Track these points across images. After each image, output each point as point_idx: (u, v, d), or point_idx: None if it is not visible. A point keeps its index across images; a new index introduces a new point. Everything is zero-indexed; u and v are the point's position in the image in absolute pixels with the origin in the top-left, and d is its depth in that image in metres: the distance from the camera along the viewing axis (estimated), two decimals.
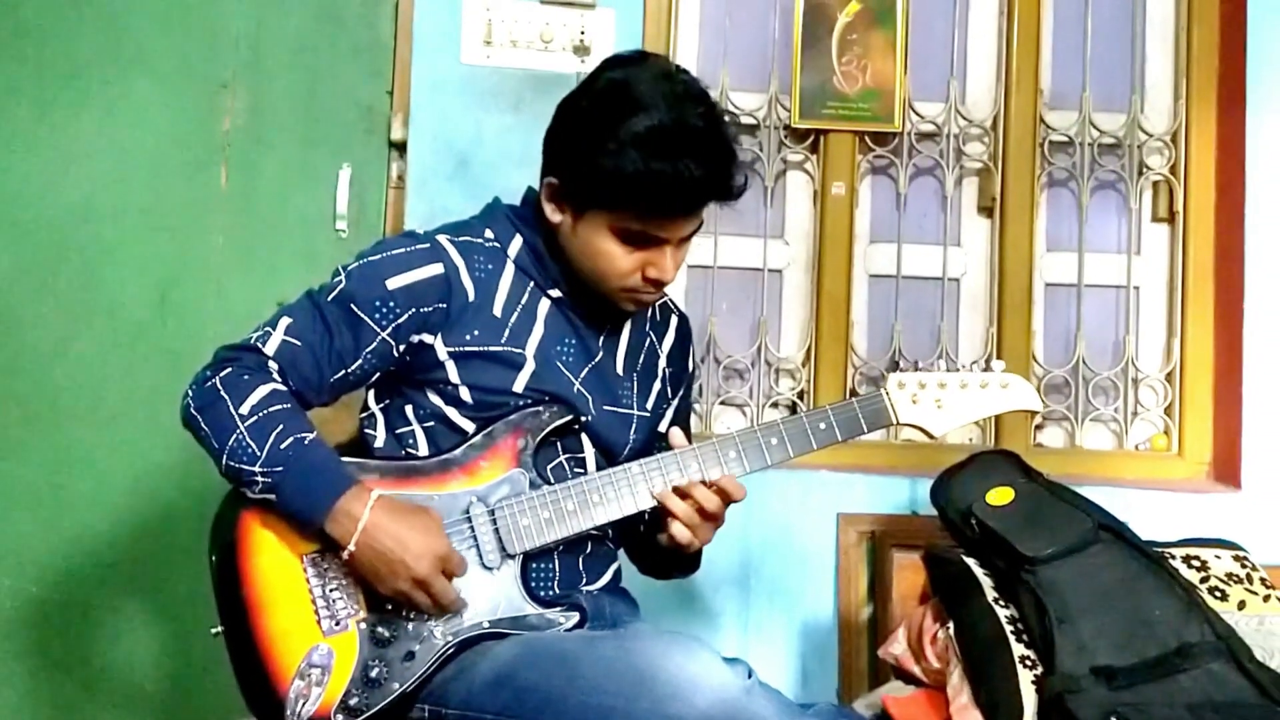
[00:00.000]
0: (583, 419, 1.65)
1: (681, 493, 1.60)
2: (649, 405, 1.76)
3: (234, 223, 2.51)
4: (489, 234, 1.67)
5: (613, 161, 1.51)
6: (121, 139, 2.50)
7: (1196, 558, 1.93)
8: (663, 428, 1.78)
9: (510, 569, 1.58)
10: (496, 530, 1.57)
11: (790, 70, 2.56)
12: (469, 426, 1.61)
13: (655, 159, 1.50)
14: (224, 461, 1.50)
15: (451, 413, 1.61)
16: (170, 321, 2.49)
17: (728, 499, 1.62)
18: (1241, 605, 1.87)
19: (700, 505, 1.60)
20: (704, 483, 1.60)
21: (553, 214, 1.61)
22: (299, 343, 1.56)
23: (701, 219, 1.61)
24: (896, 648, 1.97)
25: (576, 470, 1.66)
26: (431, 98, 2.47)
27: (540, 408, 1.62)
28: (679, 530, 1.61)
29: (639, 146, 1.50)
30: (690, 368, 1.90)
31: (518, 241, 1.66)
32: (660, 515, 1.63)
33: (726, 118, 1.60)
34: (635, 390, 1.74)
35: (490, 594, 1.56)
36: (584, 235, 1.58)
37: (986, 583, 1.82)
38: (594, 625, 1.60)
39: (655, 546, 1.70)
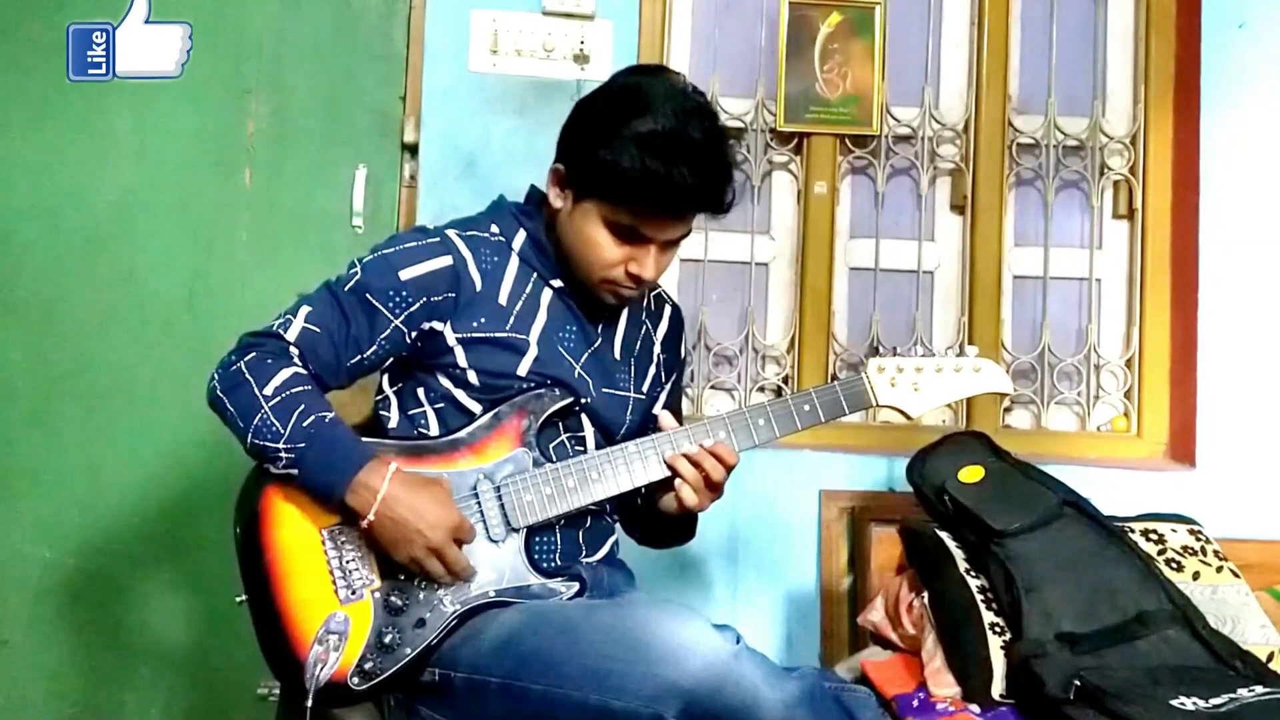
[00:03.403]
0: (583, 401, 1.64)
1: (691, 460, 1.59)
2: (644, 388, 1.75)
3: (257, 220, 2.50)
4: (495, 229, 1.66)
5: (613, 155, 1.50)
6: (153, 141, 2.48)
7: (1154, 531, 1.94)
8: (656, 410, 1.76)
9: (515, 542, 1.57)
10: (502, 505, 1.56)
11: (776, 77, 2.55)
12: (476, 408, 1.60)
13: (652, 159, 1.49)
14: (249, 440, 1.49)
15: (460, 395, 1.60)
16: (198, 311, 2.47)
17: (725, 465, 1.60)
18: (1196, 575, 1.87)
19: (706, 472, 1.59)
20: (702, 449, 1.59)
21: (555, 199, 1.61)
22: (318, 329, 1.55)
23: (690, 227, 1.60)
24: (875, 615, 1.97)
25: (577, 449, 1.65)
26: (442, 103, 2.46)
27: (543, 390, 1.61)
28: (687, 494, 1.60)
29: (639, 145, 1.49)
30: (682, 354, 1.89)
31: (521, 236, 1.65)
32: (659, 484, 1.62)
33: (729, 137, 1.59)
34: (632, 374, 1.73)
35: (496, 565, 1.55)
36: (579, 222, 1.58)
37: (958, 555, 1.82)
38: (593, 594, 1.60)
39: (652, 517, 1.70)
